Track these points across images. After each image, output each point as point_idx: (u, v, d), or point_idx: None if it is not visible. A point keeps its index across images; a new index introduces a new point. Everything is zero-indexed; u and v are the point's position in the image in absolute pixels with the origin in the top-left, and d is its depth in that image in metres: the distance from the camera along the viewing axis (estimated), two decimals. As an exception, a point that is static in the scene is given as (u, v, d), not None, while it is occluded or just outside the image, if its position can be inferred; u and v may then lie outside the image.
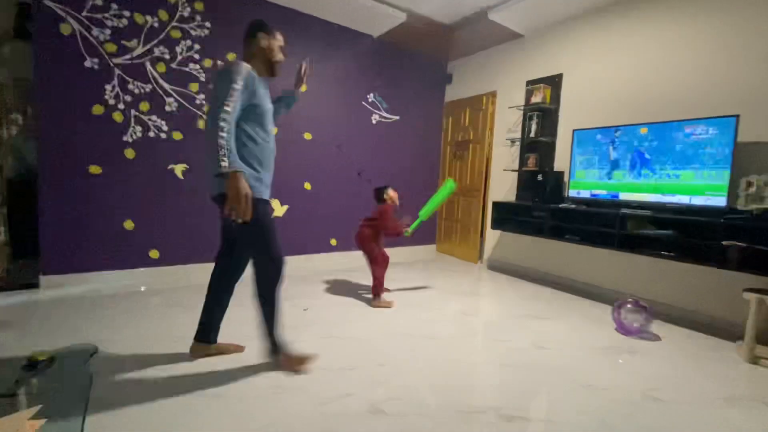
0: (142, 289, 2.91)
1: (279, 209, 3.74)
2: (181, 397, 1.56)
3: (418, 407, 1.57)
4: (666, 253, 2.58)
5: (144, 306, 2.58)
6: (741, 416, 1.62)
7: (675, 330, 2.57)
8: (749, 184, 2.33)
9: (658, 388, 1.81)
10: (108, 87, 2.86)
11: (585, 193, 3.23)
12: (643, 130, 2.84)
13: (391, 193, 3.08)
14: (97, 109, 2.84)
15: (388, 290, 3.16)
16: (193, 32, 3.15)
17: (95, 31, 2.78)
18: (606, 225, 2.88)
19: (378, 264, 2.90)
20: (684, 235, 2.52)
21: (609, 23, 3.24)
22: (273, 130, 1.88)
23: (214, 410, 1.48)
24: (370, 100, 4.23)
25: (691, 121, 2.58)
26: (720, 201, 2.44)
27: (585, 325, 2.60)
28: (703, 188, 2.53)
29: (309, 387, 1.68)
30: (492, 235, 4.34)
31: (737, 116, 2.36)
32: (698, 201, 2.54)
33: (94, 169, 2.88)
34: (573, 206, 3.20)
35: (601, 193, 3.12)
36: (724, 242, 2.28)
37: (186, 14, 3.10)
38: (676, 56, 2.83)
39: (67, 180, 2.79)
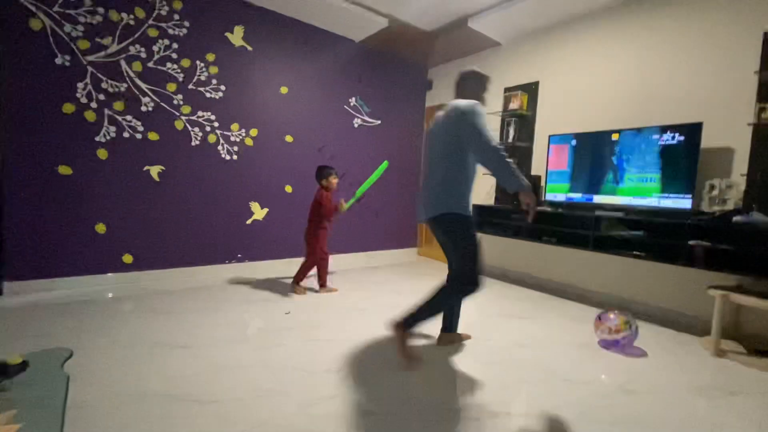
0: (109, 295, 2.78)
1: (259, 212, 3.68)
2: (162, 401, 1.51)
3: (405, 406, 1.57)
4: (637, 253, 2.69)
5: (116, 312, 2.48)
6: (708, 405, 1.70)
7: (646, 326, 2.68)
8: (712, 187, 2.47)
9: (632, 381, 1.88)
10: (80, 85, 2.76)
11: (561, 197, 3.34)
12: (615, 136, 2.97)
13: (332, 180, 3.17)
14: (68, 108, 2.73)
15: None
16: (170, 31, 3.08)
17: (67, 27, 2.69)
18: (581, 227, 2.99)
19: (314, 259, 3.13)
20: (654, 236, 2.64)
21: (583, 34, 3.39)
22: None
23: (196, 415, 1.44)
24: (352, 104, 4.24)
25: (660, 128, 2.72)
26: (686, 203, 2.57)
27: (563, 323, 2.68)
28: (670, 191, 2.66)
29: (293, 390, 1.66)
30: (472, 238, 4.41)
31: (701, 123, 2.51)
32: (666, 203, 2.68)
33: (64, 170, 2.76)
34: (549, 209, 3.30)
35: (576, 196, 3.23)
36: (690, 242, 2.41)
37: (164, 13, 3.04)
38: (646, 66, 2.99)
39: (35, 181, 2.67)
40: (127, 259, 3.05)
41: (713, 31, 2.64)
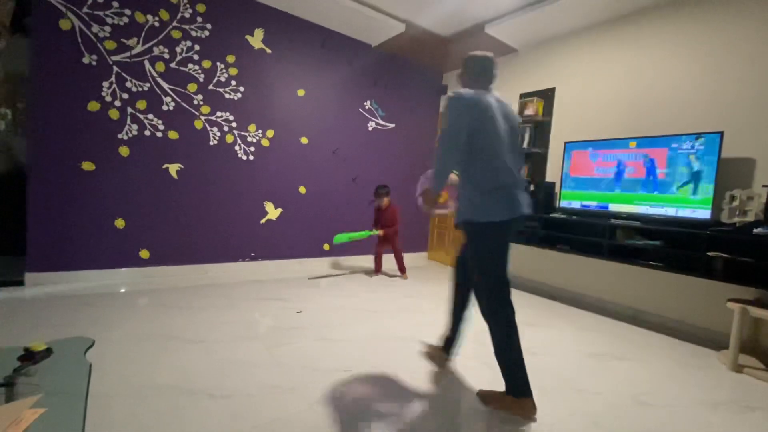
0: (122, 290, 2.83)
1: (273, 212, 3.73)
2: (175, 394, 1.54)
3: (414, 408, 1.57)
4: (653, 263, 2.65)
5: (133, 305, 2.54)
6: (723, 420, 1.66)
7: (662, 338, 2.63)
8: (733, 198, 2.43)
9: (646, 392, 1.85)
10: (105, 84, 2.85)
11: (576, 204, 3.31)
12: (632, 144, 2.94)
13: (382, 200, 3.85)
14: (93, 106, 2.82)
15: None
16: (193, 33, 3.16)
17: (95, 28, 2.78)
18: (596, 235, 2.95)
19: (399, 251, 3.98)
20: (671, 246, 2.60)
21: (600, 40, 3.36)
22: None
23: (207, 409, 1.47)
24: (367, 107, 4.28)
25: (678, 137, 2.68)
26: (705, 214, 2.52)
27: (575, 332, 2.65)
28: (688, 201, 2.62)
29: (305, 387, 1.67)
30: (483, 244, 4.39)
31: (722, 132, 2.47)
32: (684, 213, 2.63)
33: (87, 166, 2.84)
34: (564, 216, 3.27)
35: (591, 204, 3.19)
36: (709, 253, 2.36)
37: (187, 15, 3.12)
38: (665, 73, 2.95)
39: (58, 176, 2.75)
40: (144, 254, 3.12)
41: (735, 41, 2.60)
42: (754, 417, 1.71)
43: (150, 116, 3.04)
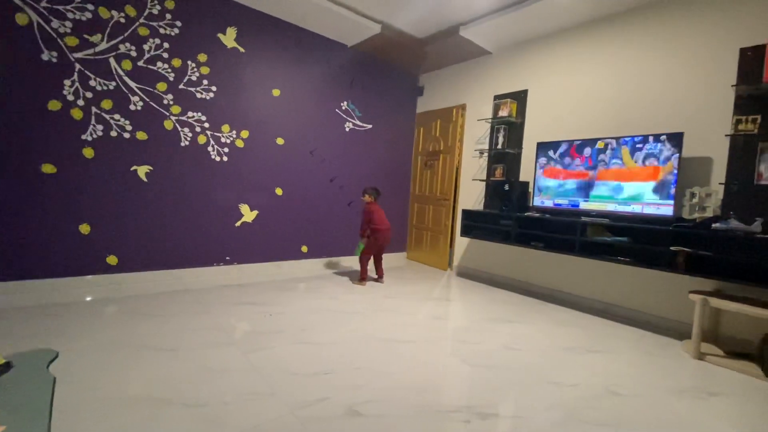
0: (88, 299, 2.70)
1: (248, 214, 3.65)
2: (148, 405, 1.48)
3: (395, 408, 1.58)
4: (621, 258, 2.76)
5: (101, 314, 2.43)
6: (688, 406, 1.76)
7: (630, 330, 2.75)
8: (693, 195, 2.56)
9: (617, 383, 1.92)
10: (67, 82, 2.70)
11: (548, 203, 3.40)
12: (600, 144, 3.06)
13: (364, 197, 3.77)
14: (54, 105, 2.67)
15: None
16: (162, 30, 3.05)
17: (55, 23, 2.64)
18: (567, 233, 3.05)
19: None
20: (637, 241, 2.72)
21: (571, 45, 3.48)
22: None
23: (183, 419, 1.42)
24: (343, 108, 4.26)
25: (643, 137, 2.81)
26: (668, 210, 2.65)
27: (550, 327, 2.72)
28: (652, 198, 2.74)
29: (284, 392, 1.65)
30: (461, 244, 4.45)
31: (682, 133, 2.60)
32: (649, 210, 2.76)
33: (48, 168, 2.69)
34: (537, 215, 3.36)
35: (563, 202, 3.30)
36: (672, 248, 2.48)
37: (155, 12, 3.01)
38: (630, 77, 3.08)
39: (17, 179, 2.59)
40: (112, 260, 2.98)
41: (694, 46, 2.75)
42: (717, 401, 1.81)
43: (116, 116, 2.91)
